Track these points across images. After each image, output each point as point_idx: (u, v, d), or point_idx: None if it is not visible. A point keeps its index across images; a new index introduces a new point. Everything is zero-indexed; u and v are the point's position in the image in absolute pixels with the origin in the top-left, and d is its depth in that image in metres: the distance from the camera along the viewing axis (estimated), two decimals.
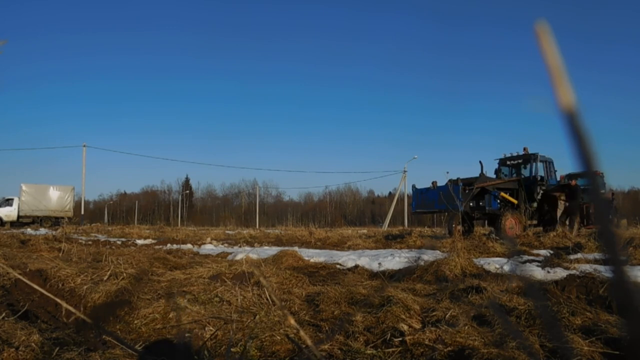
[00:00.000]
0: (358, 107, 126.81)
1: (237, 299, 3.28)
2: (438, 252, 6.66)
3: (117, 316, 3.13)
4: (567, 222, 13.52)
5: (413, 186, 15.98)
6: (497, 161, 16.11)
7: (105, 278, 3.94)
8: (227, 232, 22.97)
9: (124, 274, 4.02)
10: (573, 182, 13.80)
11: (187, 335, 2.72)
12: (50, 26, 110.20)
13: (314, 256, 7.33)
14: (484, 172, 14.61)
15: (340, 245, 12.17)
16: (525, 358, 2.09)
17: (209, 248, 10.43)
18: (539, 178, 14.56)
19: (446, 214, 15.06)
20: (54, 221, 31.94)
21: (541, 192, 14.51)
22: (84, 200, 41.35)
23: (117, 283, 3.76)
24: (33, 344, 2.25)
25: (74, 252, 6.66)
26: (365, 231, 24.76)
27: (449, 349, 2.31)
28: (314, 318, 3.10)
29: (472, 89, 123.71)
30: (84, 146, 38.78)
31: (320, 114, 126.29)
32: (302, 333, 0.97)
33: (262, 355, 2.40)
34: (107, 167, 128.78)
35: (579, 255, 6.45)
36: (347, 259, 6.73)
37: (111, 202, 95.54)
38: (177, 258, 6.74)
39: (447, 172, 16.84)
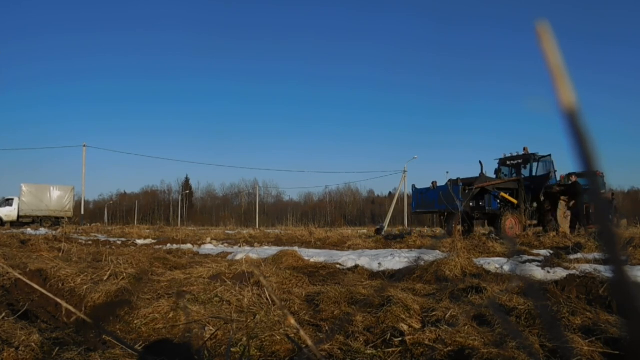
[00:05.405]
0: (358, 107, 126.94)
1: (237, 299, 3.28)
2: (438, 252, 6.66)
3: (117, 316, 3.12)
4: (562, 222, 13.54)
5: (413, 186, 15.99)
6: (497, 161, 16.13)
7: (105, 278, 3.94)
8: (227, 232, 22.96)
9: (124, 274, 4.03)
10: (574, 178, 13.80)
11: (187, 335, 2.72)
12: (50, 26, 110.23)
13: (314, 256, 7.33)
14: (484, 172, 14.61)
15: (340, 245, 12.16)
16: (525, 358, 2.09)
17: (209, 248, 10.43)
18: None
19: (445, 214, 15.05)
20: (54, 221, 31.88)
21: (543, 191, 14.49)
22: (84, 200, 41.30)
23: (117, 283, 3.76)
24: (33, 344, 2.25)
25: (74, 252, 6.66)
26: (365, 231, 24.76)
27: (449, 349, 2.31)
28: (314, 318, 3.10)
29: (472, 89, 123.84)
30: (84, 146, 38.77)
31: (320, 114, 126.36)
32: (302, 333, 0.97)
33: (262, 355, 2.39)
34: (107, 167, 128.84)
35: (579, 255, 6.45)
36: (347, 259, 6.73)
37: (111, 202, 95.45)
38: (177, 258, 6.73)
39: (447, 172, 16.89)
